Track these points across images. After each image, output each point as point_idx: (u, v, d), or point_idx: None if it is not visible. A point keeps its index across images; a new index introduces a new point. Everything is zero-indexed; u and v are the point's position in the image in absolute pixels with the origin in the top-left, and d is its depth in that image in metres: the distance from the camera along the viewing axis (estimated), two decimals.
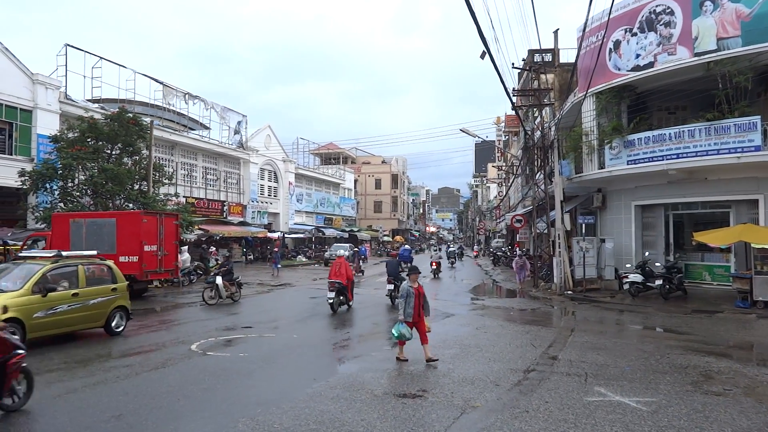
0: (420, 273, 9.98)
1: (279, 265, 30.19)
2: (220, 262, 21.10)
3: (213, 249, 32.63)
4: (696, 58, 18.11)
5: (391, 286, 17.33)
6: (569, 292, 20.10)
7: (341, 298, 15.68)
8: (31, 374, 6.88)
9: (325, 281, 17.42)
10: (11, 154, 24.09)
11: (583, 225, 21.57)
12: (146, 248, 18.13)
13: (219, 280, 17.38)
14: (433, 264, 29.99)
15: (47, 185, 22.08)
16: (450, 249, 50.33)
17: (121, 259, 17.64)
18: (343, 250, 37.72)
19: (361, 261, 32.57)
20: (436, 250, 47.16)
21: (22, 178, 21.76)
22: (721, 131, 17.38)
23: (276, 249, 33.21)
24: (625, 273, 19.28)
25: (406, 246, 32.79)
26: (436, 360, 9.17)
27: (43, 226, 21.74)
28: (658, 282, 17.97)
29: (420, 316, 9.48)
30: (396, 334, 9.32)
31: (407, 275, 9.93)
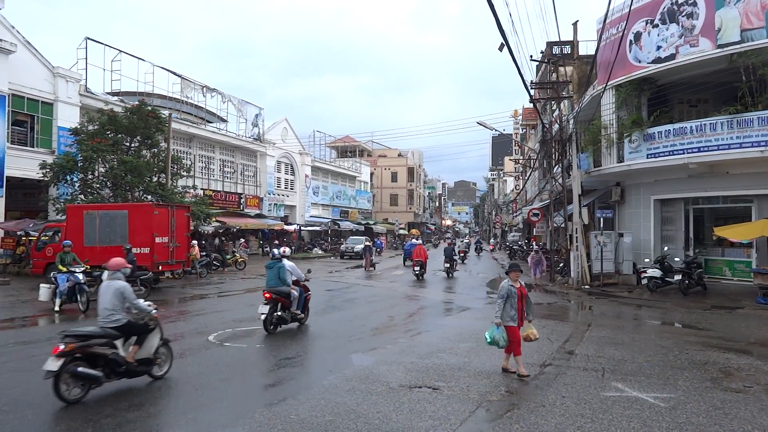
0: (521, 271, 8.83)
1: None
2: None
3: (242, 240, 32.63)
4: (719, 50, 17.78)
5: (448, 264, 25.28)
6: (586, 286, 19.97)
7: (421, 270, 23.73)
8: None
9: (342, 273, 19.02)
10: (33, 147, 24.48)
11: (601, 219, 21.37)
12: (157, 240, 18.34)
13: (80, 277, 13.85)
14: (460, 252, 35.02)
15: (68, 177, 22.42)
16: (464, 241, 50.25)
17: (133, 250, 17.93)
18: (360, 244, 37.91)
19: (373, 255, 32.19)
20: (462, 241, 49.47)
21: (43, 171, 22.10)
22: (743, 124, 17.07)
23: (276, 242, 32.38)
24: (644, 268, 19.06)
25: (413, 240, 32.42)
26: (528, 376, 7.97)
27: (63, 217, 22.10)
28: (677, 277, 17.75)
29: (523, 321, 8.31)
30: (489, 339, 8.13)
31: (506, 273, 8.63)
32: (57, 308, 13.64)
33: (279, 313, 11.14)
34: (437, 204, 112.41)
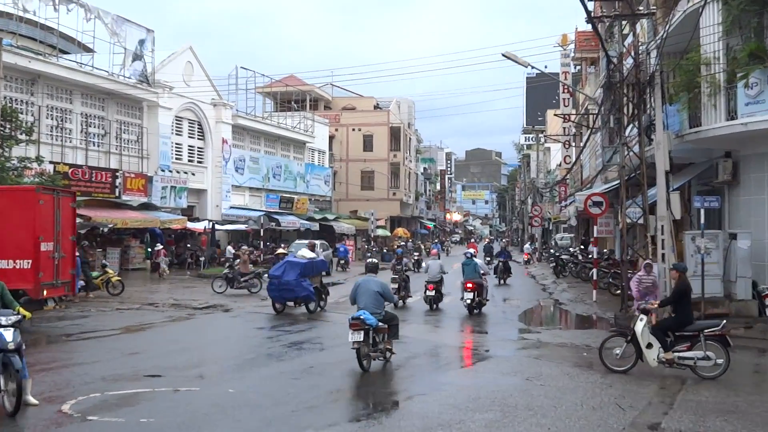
0: None
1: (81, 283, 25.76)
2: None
3: (161, 248, 30.74)
4: None
5: (489, 258, 44.52)
6: None
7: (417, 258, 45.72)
8: None
9: None
10: None
11: (702, 211, 21.58)
12: (43, 248, 17.80)
13: None
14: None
15: None
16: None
17: (1, 264, 17.23)
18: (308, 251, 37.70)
19: (324, 273, 27.10)
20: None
21: None
22: None
23: (78, 255, 30.26)
24: None
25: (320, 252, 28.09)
26: None
27: None
28: None
29: None
30: None
31: None
32: None
33: (478, 298, 22.39)
34: (439, 187, 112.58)
